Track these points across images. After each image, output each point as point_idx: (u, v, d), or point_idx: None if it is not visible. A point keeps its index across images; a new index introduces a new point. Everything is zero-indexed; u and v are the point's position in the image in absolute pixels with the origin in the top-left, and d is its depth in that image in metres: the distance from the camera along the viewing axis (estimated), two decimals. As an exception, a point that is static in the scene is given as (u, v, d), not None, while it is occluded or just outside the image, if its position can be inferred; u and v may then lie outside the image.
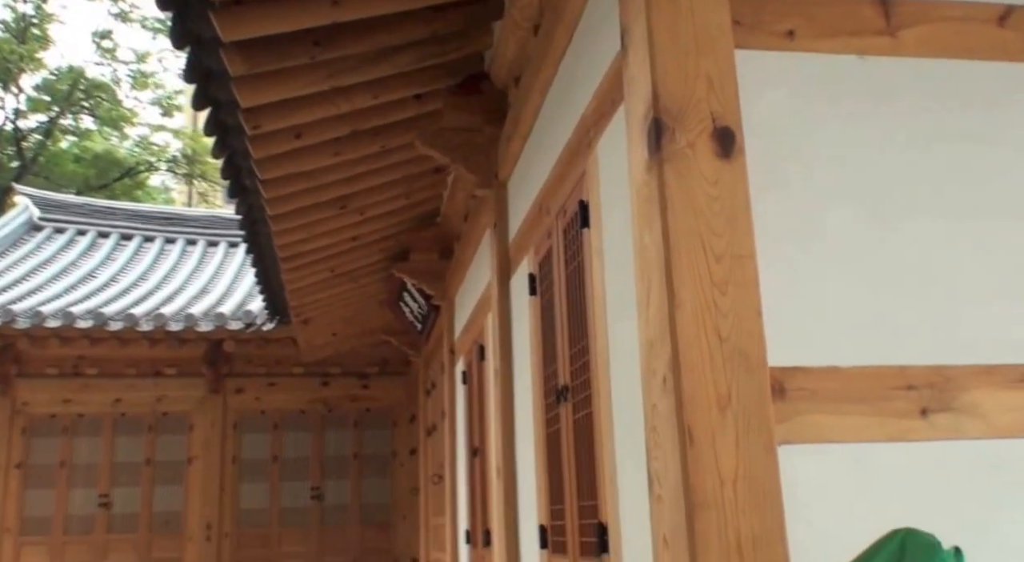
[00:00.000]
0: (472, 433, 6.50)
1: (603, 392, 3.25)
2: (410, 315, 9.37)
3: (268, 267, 8.32)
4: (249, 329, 10.75)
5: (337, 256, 8.03)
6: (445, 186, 7.34)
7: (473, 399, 6.49)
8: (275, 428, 11.89)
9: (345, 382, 12.22)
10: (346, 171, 6.35)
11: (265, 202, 6.39)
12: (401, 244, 8.31)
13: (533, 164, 4.59)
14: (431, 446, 9.61)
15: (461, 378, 7.01)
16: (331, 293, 9.06)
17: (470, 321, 6.72)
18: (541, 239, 4.31)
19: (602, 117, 3.34)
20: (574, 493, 3.64)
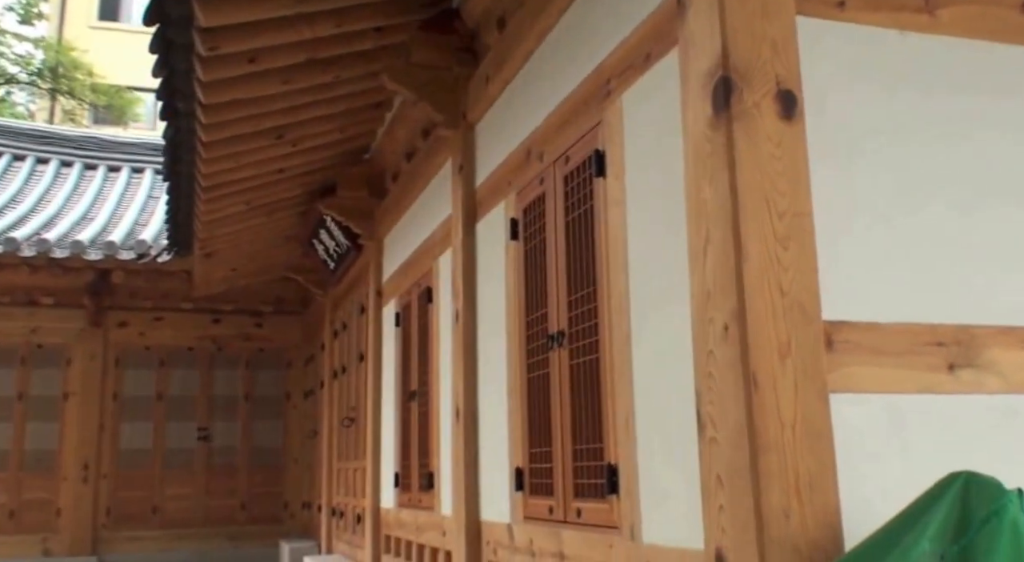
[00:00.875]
0: (408, 376, 6.60)
1: (617, 338, 3.42)
2: (323, 253, 9.31)
3: (182, 196, 8.12)
4: (142, 260, 10.43)
5: (259, 188, 7.92)
6: (382, 123, 7.33)
7: (410, 342, 6.58)
8: (161, 365, 11.63)
9: (237, 320, 12.04)
10: (290, 100, 6.28)
11: (202, 128, 6.25)
12: (326, 179, 8.24)
13: (517, 109, 4.68)
14: (338, 389, 9.63)
15: (394, 320, 7.07)
16: (243, 226, 8.91)
17: (409, 263, 6.77)
18: (528, 185, 4.43)
19: (629, 69, 3.47)
20: (567, 436, 3.82)
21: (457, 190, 5.41)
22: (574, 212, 3.93)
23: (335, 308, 10.06)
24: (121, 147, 14.17)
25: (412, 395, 6.43)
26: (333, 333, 10.00)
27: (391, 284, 7.43)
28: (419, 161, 6.47)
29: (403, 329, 6.86)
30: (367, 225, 7.87)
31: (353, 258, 8.61)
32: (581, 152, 3.86)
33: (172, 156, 7.21)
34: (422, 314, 6.35)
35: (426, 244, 6.34)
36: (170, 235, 9.54)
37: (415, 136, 6.67)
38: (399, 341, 6.95)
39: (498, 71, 4.85)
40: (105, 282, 11.14)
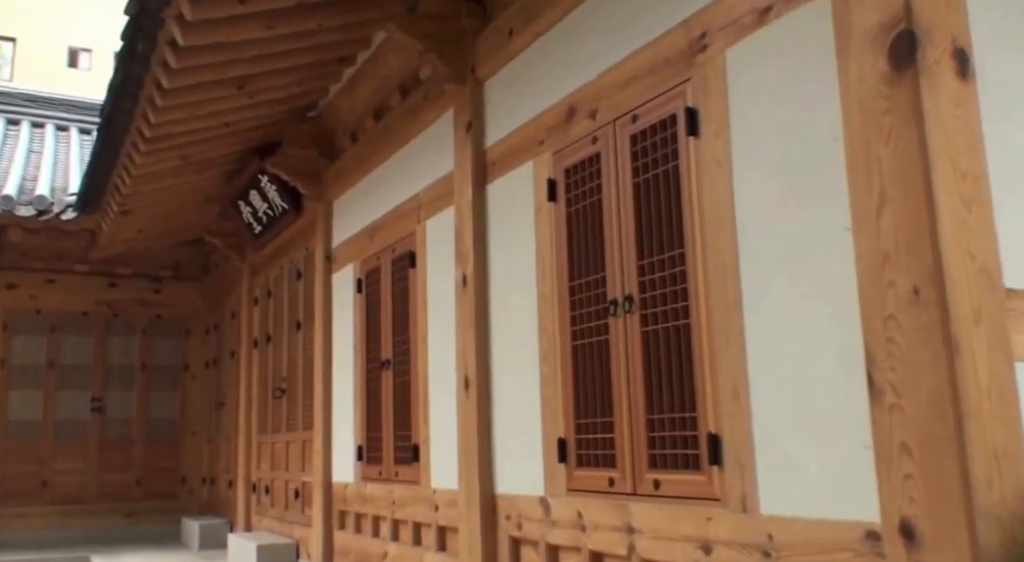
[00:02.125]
0: (377, 344, 6.24)
1: (719, 304, 3.26)
2: (249, 216, 8.74)
3: (109, 149, 7.44)
4: (43, 217, 9.53)
5: (202, 142, 7.36)
6: (338, 79, 6.90)
7: (380, 309, 6.22)
8: (52, 331, 10.74)
9: (135, 284, 11.25)
10: (263, 48, 5.82)
11: (168, 73, 5.72)
12: (267, 136, 7.73)
13: (554, 63, 4.43)
14: (260, 358, 9.09)
15: (354, 286, 6.67)
16: (171, 183, 8.29)
17: (377, 227, 6.40)
18: (573, 144, 4.19)
19: (734, 24, 3.29)
20: (639, 405, 3.64)
21: (463, 149, 5.10)
22: (647, 173, 3.72)
23: (255, 274, 9.49)
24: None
25: (385, 364, 6.08)
26: (253, 300, 9.43)
27: (346, 249, 7.01)
28: (395, 119, 6.10)
29: (367, 295, 6.48)
30: (315, 186, 7.40)
31: (289, 221, 8.11)
32: (659, 110, 3.65)
33: (114, 104, 6.57)
34: (399, 280, 6.00)
35: (404, 207, 5.99)
36: (83, 191, 8.76)
37: (388, 93, 6.29)
38: (361, 308, 6.56)
39: (527, 23, 4.57)
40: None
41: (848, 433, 2.74)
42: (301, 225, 8.01)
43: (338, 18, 5.65)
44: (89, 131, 13.02)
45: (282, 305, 8.53)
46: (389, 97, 6.28)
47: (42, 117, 13.13)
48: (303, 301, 7.91)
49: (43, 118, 13.12)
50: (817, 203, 2.90)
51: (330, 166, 7.33)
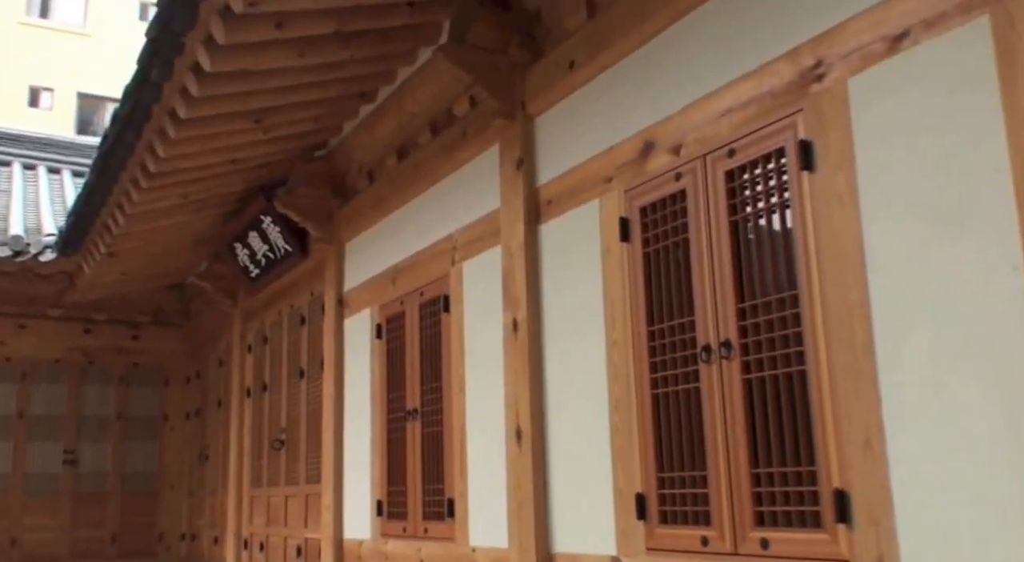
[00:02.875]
0: (402, 393, 5.94)
1: (844, 348, 3.05)
2: (246, 259, 8.41)
3: (104, 184, 7.11)
4: (19, 258, 9.09)
5: (205, 180, 7.07)
6: (355, 116, 6.66)
7: (406, 356, 5.94)
8: (23, 379, 10.24)
9: (111, 330, 10.80)
10: (288, 78, 5.59)
11: (187, 102, 5.46)
12: (273, 175, 7.45)
13: (623, 96, 4.25)
14: (254, 408, 8.70)
15: (374, 332, 6.37)
16: (164, 224, 7.95)
17: (401, 269, 6.13)
18: (649, 181, 3.99)
19: (856, 52, 3.13)
20: (741, 457, 3.40)
21: (513, 187, 4.88)
22: (746, 210, 3.53)
23: (248, 319, 9.12)
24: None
25: (411, 414, 5.77)
26: (246, 347, 9.05)
27: (361, 292, 6.72)
28: (425, 157, 5.87)
29: (389, 342, 6.19)
30: (326, 228, 7.12)
31: (291, 264, 7.80)
32: (762, 144, 3.47)
33: (116, 136, 6.27)
34: (428, 325, 5.72)
35: (435, 248, 5.74)
36: (67, 230, 8.37)
37: (415, 130, 6.06)
38: (381, 355, 6.26)
39: (593, 55, 4.39)
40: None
41: (1011, 488, 2.53)
42: (305, 268, 7.71)
43: (373, 48, 5.45)
44: (58, 170, 12.65)
45: (281, 352, 8.17)
46: (417, 134, 6.05)
47: (8, 155, 12.70)
48: (308, 347, 7.58)
49: (9, 156, 12.69)
50: (973, 241, 2.71)
51: (342, 207, 7.06)
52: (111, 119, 6.29)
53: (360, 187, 6.85)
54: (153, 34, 5.09)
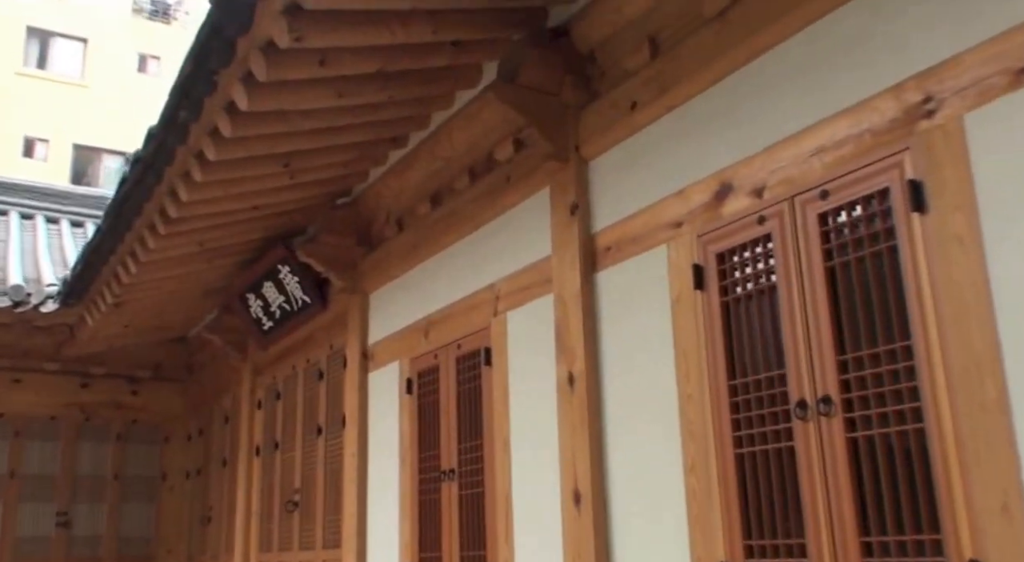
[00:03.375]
0: (436, 452, 5.64)
1: (969, 406, 2.82)
2: (259, 311, 8.14)
3: (116, 231, 6.86)
4: (19, 309, 8.78)
5: (224, 227, 6.83)
6: (383, 162, 6.46)
7: (440, 412, 5.65)
8: (16, 436, 9.87)
9: (110, 385, 10.46)
10: (323, 120, 5.39)
11: (217, 144, 5.25)
12: (293, 223, 7.22)
13: (695, 136, 4.06)
14: (263, 468, 8.35)
15: (403, 387, 6.09)
16: (176, 273, 7.70)
17: (435, 321, 5.88)
18: (732, 224, 3.78)
19: (973, 87, 2.94)
20: (848, 523, 3.13)
21: (566, 233, 4.66)
22: (845, 255, 3.31)
23: (258, 374, 8.81)
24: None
25: (447, 474, 5.47)
26: (255, 403, 8.72)
27: (389, 345, 6.45)
28: (463, 203, 5.65)
29: (420, 397, 5.91)
30: (350, 278, 6.87)
31: (309, 316, 7.53)
32: (862, 184, 3.26)
33: (136, 180, 6.05)
34: (467, 379, 5.45)
35: (474, 299, 5.49)
36: (72, 280, 8.10)
37: (451, 175, 5.86)
38: (412, 411, 5.97)
39: (658, 95, 4.21)
40: (-42, 334, 9.35)
41: None
42: (324, 320, 7.44)
43: (412, 90, 5.25)
44: (56, 220, 12.39)
45: (295, 408, 7.86)
46: (453, 180, 5.85)
47: (4, 204, 12.45)
48: (326, 403, 7.28)
49: (6, 205, 12.45)
50: None
51: (367, 256, 6.82)
52: (131, 162, 6.07)
53: (387, 235, 6.62)
54: (186, 72, 4.89)
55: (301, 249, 6.78)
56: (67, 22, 23.35)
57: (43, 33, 23.25)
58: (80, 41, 23.55)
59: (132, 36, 24.25)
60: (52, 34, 23.37)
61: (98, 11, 23.75)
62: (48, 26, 23.17)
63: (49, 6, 23.12)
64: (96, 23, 23.64)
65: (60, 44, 23.43)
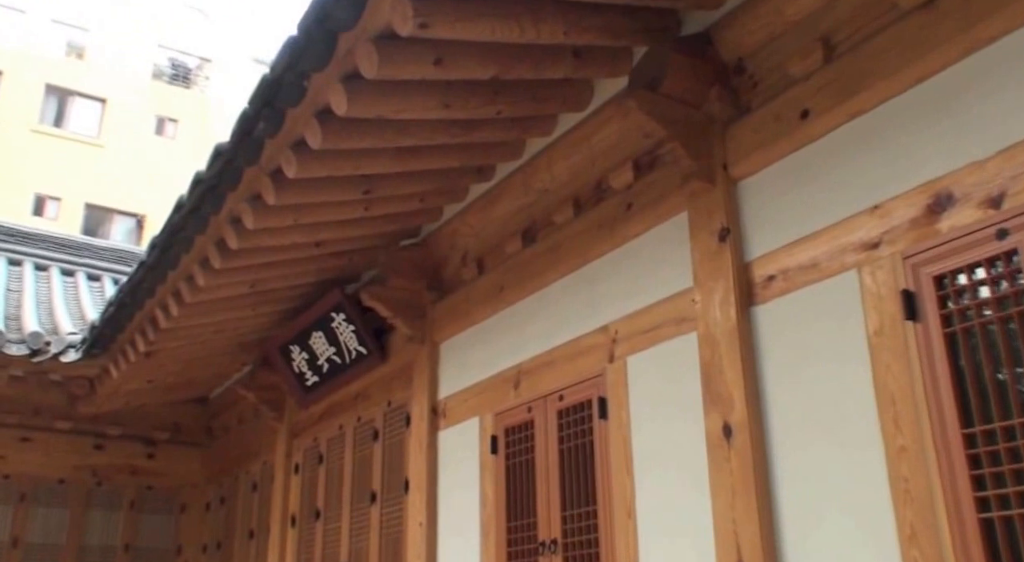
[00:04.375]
0: (532, 520, 4.89)
1: None
2: (303, 365, 7.42)
3: (161, 267, 6.20)
4: (37, 358, 8.04)
5: (281, 265, 6.21)
6: (463, 198, 5.85)
7: (536, 473, 4.92)
8: (21, 500, 9.02)
9: (125, 447, 9.66)
10: (416, 137, 4.79)
11: (301, 158, 4.61)
12: (352, 266, 6.57)
13: (887, 145, 3.44)
14: (302, 539, 7.51)
15: (488, 446, 5.35)
16: (217, 320, 7.01)
17: (525, 371, 5.18)
18: (952, 242, 3.13)
19: None
20: None
21: (714, 263, 4.01)
22: None
23: (295, 436, 8.03)
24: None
25: (547, 546, 4.71)
26: (292, 468, 7.93)
27: (464, 399, 5.74)
28: (567, 237, 5.02)
29: (511, 456, 5.17)
30: (418, 325, 6.19)
31: (363, 369, 6.81)
32: None
33: (194, 204, 5.41)
34: (573, 435, 4.74)
35: (581, 343, 4.82)
36: (101, 324, 7.39)
37: (549, 207, 5.24)
38: (498, 473, 5.23)
39: (840, 101, 3.60)
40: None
41: None
42: (381, 374, 6.73)
43: (522, 106, 4.66)
44: (72, 272, 11.71)
45: (341, 472, 7.07)
46: (551, 213, 5.22)
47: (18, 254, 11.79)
48: (382, 467, 6.51)
49: (19, 255, 11.79)
50: None
51: (439, 302, 6.15)
52: (192, 184, 5.42)
53: (465, 278, 5.95)
54: (271, 77, 4.29)
55: (365, 292, 6.12)
56: (86, 82, 23.06)
57: (61, 91, 22.92)
58: (98, 101, 23.21)
59: (151, 98, 23.93)
60: (71, 93, 23.04)
61: (118, 73, 23.46)
62: (67, 84, 22.85)
63: (69, 65, 22.86)
64: (115, 84, 23.34)
65: (78, 103, 23.09)
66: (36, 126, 22.14)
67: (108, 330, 7.42)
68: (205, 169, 5.21)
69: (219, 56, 25.12)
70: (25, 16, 22.46)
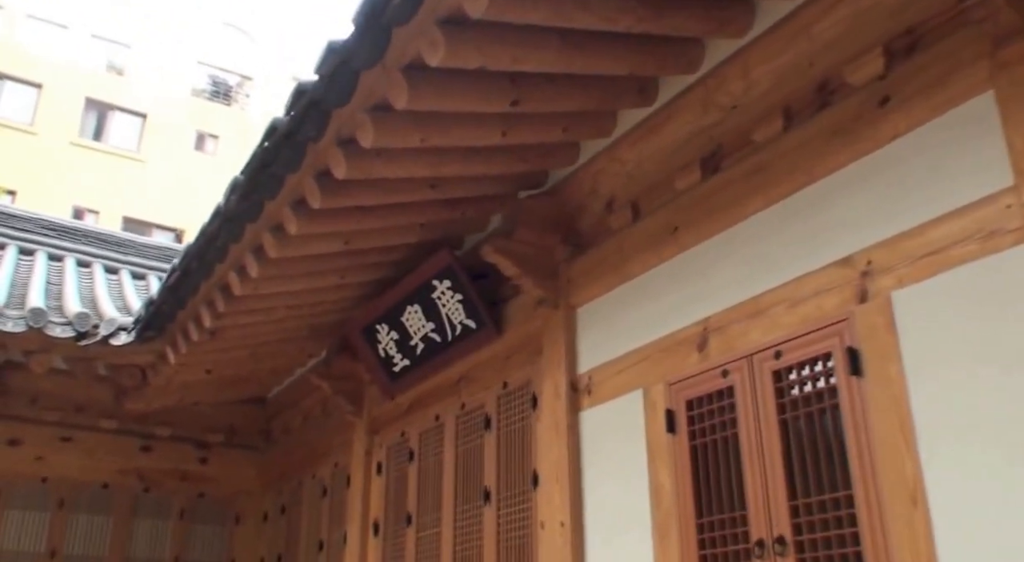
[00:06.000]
0: (741, 514, 3.59)
1: None
2: (390, 347, 6.14)
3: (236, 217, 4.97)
4: (84, 341, 6.78)
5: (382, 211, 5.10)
6: (609, 130, 4.63)
7: (744, 454, 3.62)
8: (60, 507, 7.71)
9: (175, 450, 8.36)
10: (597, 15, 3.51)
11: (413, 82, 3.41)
12: (464, 221, 5.34)
13: None
14: (390, 549, 6.19)
15: (663, 424, 4.05)
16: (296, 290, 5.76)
17: (713, 328, 3.91)
18: None
19: None
20: None
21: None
22: None
23: (375, 431, 6.73)
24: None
25: (763, 547, 3.40)
26: (373, 468, 6.62)
27: (617, 370, 4.46)
28: (777, 156, 3.78)
29: (699, 436, 3.87)
30: (552, 285, 4.93)
31: (470, 347, 5.54)
32: None
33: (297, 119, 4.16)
34: (805, 401, 3.45)
35: (806, 284, 3.55)
36: (161, 296, 6.14)
37: (747, 123, 4.00)
38: (679, 456, 3.93)
39: None
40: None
41: None
42: (493, 352, 5.45)
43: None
44: (115, 270, 10.45)
45: (441, 470, 5.77)
46: (748, 130, 3.98)
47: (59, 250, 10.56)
48: (498, 460, 5.21)
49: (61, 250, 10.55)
50: None
51: (576, 259, 4.90)
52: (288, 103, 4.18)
53: (614, 226, 4.70)
54: None
55: (489, 246, 4.86)
56: (127, 97, 21.99)
57: (102, 105, 21.83)
58: (139, 116, 22.13)
59: (191, 114, 22.85)
60: (111, 107, 21.96)
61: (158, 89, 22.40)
62: (107, 99, 21.78)
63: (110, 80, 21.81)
64: (156, 100, 22.26)
65: (118, 118, 21.99)
66: (76, 139, 21.04)
67: (168, 305, 6.16)
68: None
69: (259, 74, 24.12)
70: (67, 31, 21.49)
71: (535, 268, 4.93)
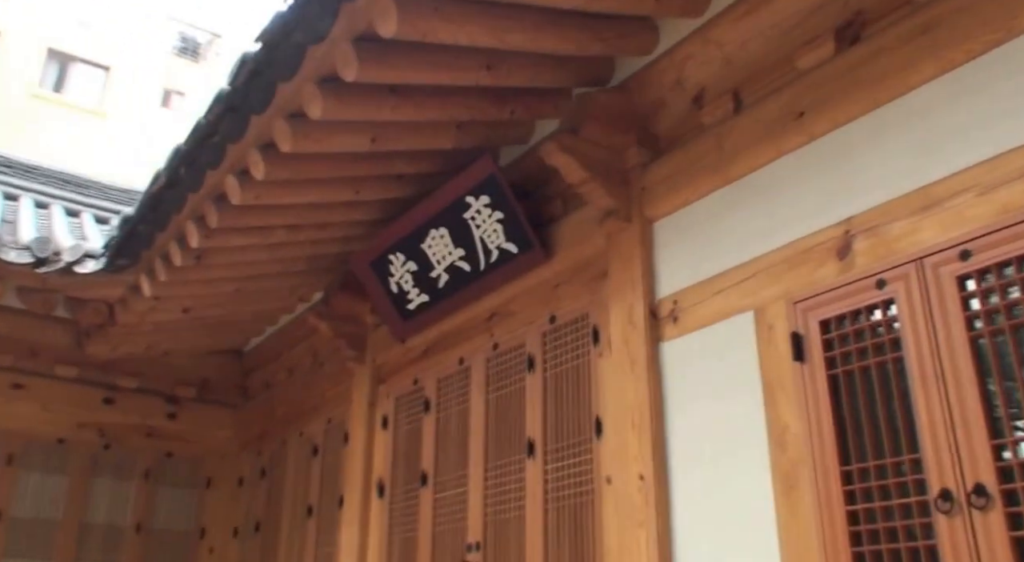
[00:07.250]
0: (900, 457, 2.74)
1: None
2: (408, 280, 5.21)
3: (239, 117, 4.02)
4: (43, 268, 5.74)
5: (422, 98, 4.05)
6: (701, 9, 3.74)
7: (914, 383, 2.77)
8: (9, 463, 6.62)
9: (141, 403, 7.33)
10: None
11: None
12: (514, 123, 4.45)
13: None
14: (396, 513, 5.26)
15: (791, 350, 3.18)
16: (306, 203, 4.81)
17: (859, 230, 3.05)
18: None
19: None
20: None
21: None
22: None
23: (381, 380, 5.79)
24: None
25: (952, 499, 2.55)
26: (378, 421, 5.67)
27: (712, 291, 3.60)
28: (944, 15, 2.93)
29: (839, 362, 3.01)
30: (622, 192, 4.04)
31: (512, 273, 4.64)
32: None
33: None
34: (1012, 309, 2.60)
35: (1000, 164, 2.70)
36: (140, 211, 5.14)
37: None
38: (821, 388, 3.05)
39: None
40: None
41: None
42: (536, 280, 4.55)
43: None
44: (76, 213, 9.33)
45: (466, 422, 4.85)
46: None
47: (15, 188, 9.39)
48: (544, 406, 4.31)
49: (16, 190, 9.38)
50: None
51: (652, 164, 4.01)
52: None
53: (706, 122, 3.85)
54: None
55: (552, 144, 3.95)
56: (90, 48, 20.55)
57: (64, 56, 20.37)
58: (102, 69, 20.71)
59: (158, 70, 21.49)
60: (73, 58, 20.50)
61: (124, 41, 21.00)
62: (70, 50, 20.32)
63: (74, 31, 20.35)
64: (121, 53, 20.87)
65: (80, 69, 20.54)
66: (36, 91, 19.59)
67: (147, 224, 5.15)
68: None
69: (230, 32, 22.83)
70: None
71: (604, 173, 4.03)
